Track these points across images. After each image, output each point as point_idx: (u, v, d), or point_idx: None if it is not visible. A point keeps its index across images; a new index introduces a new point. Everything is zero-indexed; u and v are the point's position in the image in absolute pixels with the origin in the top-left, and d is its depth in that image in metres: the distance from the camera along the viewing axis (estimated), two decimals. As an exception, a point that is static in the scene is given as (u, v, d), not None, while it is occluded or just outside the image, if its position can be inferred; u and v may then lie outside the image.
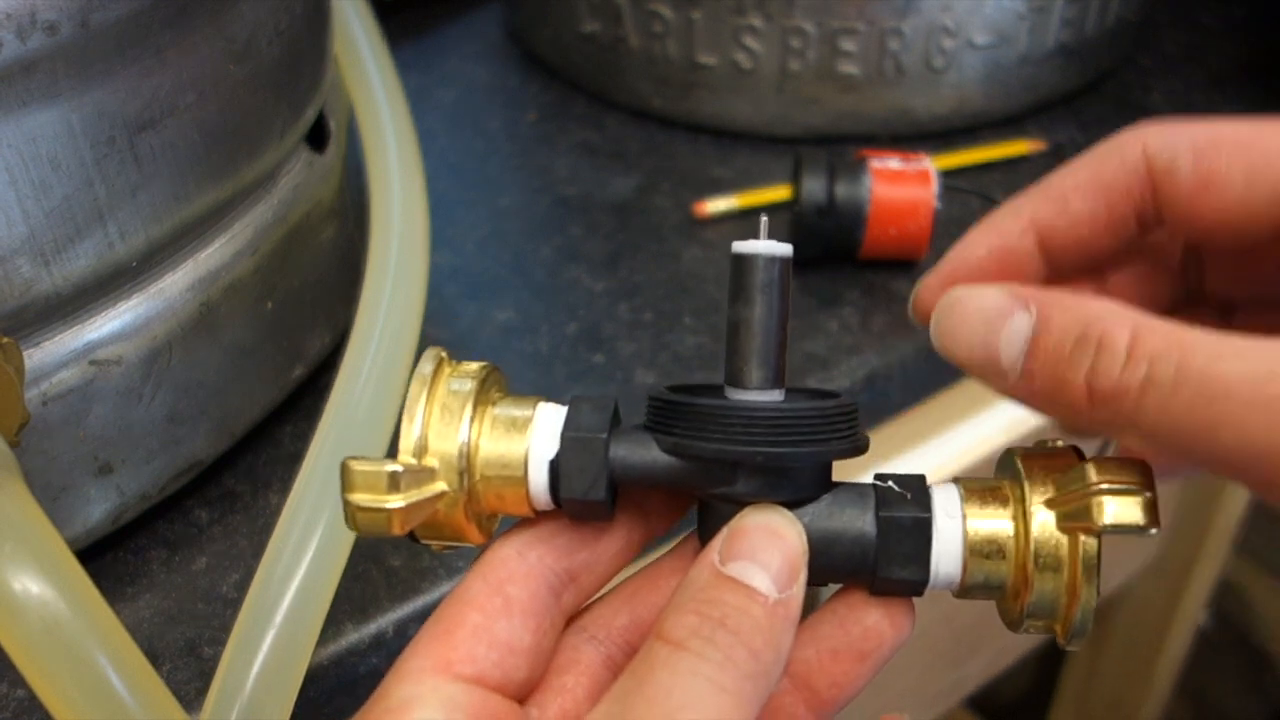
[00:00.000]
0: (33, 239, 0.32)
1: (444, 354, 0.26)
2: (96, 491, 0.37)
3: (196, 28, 0.34)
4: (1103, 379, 0.21)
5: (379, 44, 0.50)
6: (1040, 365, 0.22)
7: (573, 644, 0.27)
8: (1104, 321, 0.21)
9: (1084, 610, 0.24)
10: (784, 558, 0.23)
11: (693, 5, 0.60)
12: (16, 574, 0.26)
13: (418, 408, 0.25)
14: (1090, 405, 0.21)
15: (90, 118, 0.32)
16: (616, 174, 0.62)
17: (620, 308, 0.52)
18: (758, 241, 0.25)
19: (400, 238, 0.43)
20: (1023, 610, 0.25)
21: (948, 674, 0.78)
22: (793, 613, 0.23)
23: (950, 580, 0.25)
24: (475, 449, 0.25)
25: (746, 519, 0.24)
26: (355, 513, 0.24)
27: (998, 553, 0.25)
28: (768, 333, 0.25)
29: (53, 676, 0.26)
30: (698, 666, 0.22)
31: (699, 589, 0.23)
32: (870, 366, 0.48)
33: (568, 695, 0.26)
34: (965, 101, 0.62)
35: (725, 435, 0.24)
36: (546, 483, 0.25)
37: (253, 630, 0.32)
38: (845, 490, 0.26)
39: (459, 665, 0.24)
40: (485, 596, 0.25)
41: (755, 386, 0.25)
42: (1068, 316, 0.22)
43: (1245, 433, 0.20)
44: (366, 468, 0.24)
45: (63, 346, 0.35)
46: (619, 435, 0.25)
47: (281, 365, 0.43)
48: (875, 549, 0.25)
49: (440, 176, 0.60)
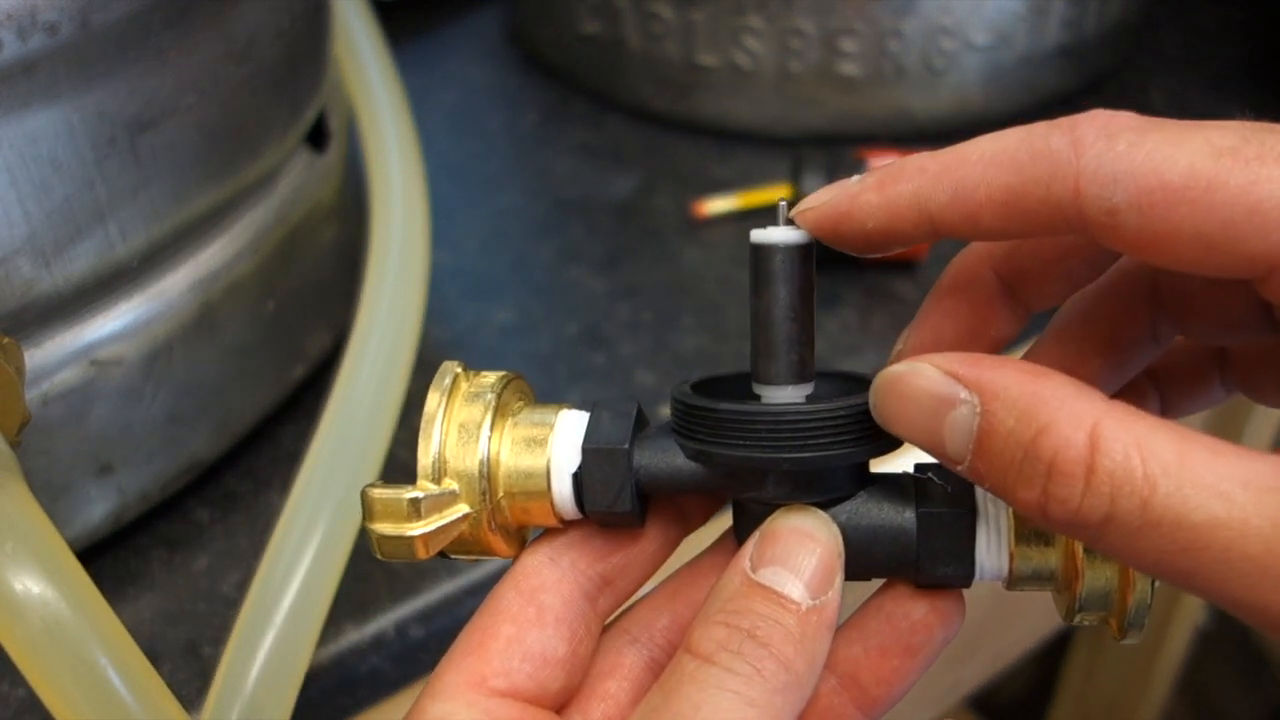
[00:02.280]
0: (33, 239, 0.32)
1: (460, 368, 0.26)
2: (97, 491, 0.37)
3: (197, 28, 0.34)
4: (1057, 507, 0.18)
5: (379, 44, 0.50)
6: (990, 469, 0.19)
7: (615, 647, 0.26)
8: (1056, 429, 0.18)
9: (1139, 601, 0.23)
10: (819, 561, 0.23)
11: (693, 6, 0.60)
12: (17, 574, 0.26)
13: (434, 428, 0.24)
14: (1047, 519, 0.19)
15: (91, 118, 0.32)
16: (616, 174, 0.62)
17: (620, 308, 0.52)
18: (776, 229, 0.24)
19: (400, 238, 0.43)
20: (1075, 602, 0.24)
21: (948, 674, 0.78)
22: (829, 618, 0.23)
23: (998, 573, 0.24)
24: (496, 465, 0.25)
25: (778, 522, 0.24)
26: (379, 541, 0.24)
27: (1045, 544, 0.24)
28: (791, 324, 0.24)
29: (53, 676, 0.26)
30: (725, 680, 0.21)
31: (728, 598, 0.22)
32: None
33: (611, 701, 0.26)
34: (965, 102, 0.62)
35: (750, 441, 0.23)
36: (572, 495, 0.25)
37: (253, 630, 0.32)
38: (883, 484, 0.24)
39: (493, 679, 0.24)
40: (518, 607, 0.25)
41: (782, 381, 0.24)
42: (1013, 414, 0.19)
43: (1225, 589, 0.17)
44: (386, 495, 0.24)
45: (63, 346, 0.35)
46: (642, 442, 0.25)
47: (282, 365, 0.43)
48: (917, 545, 0.24)
49: (440, 177, 0.60)
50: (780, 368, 0.24)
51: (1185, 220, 0.18)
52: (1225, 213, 0.18)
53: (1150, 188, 0.19)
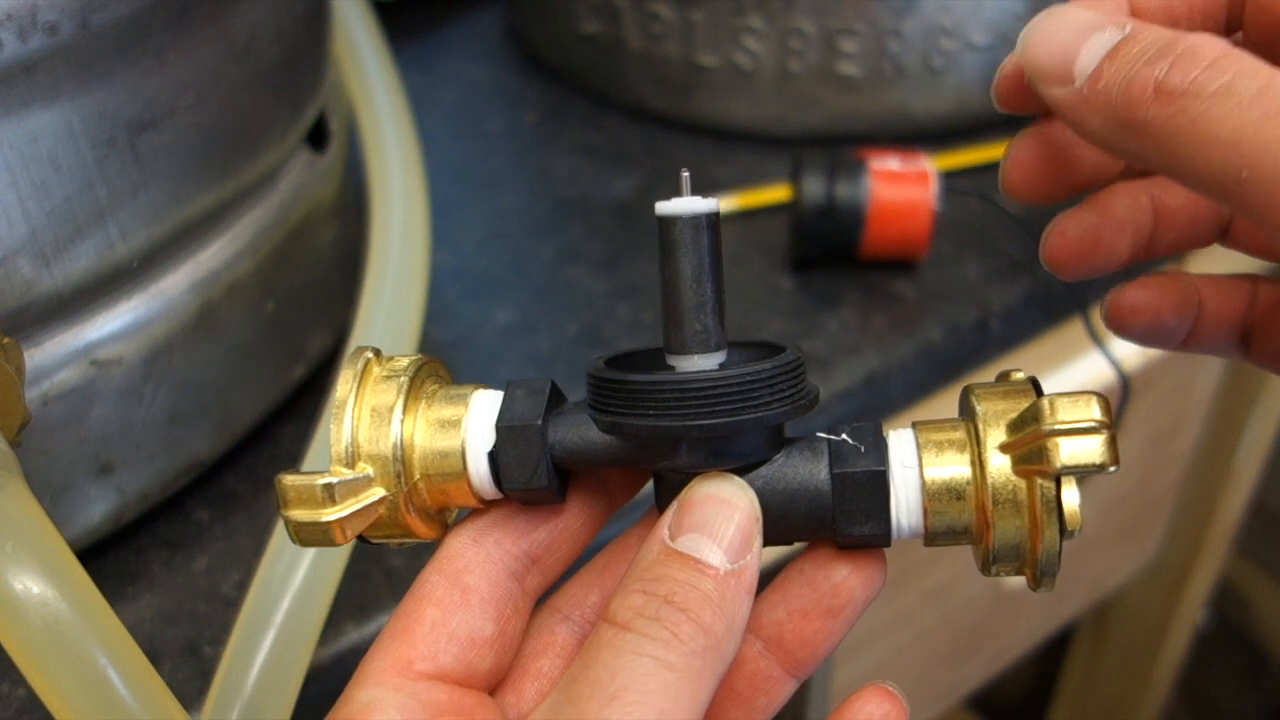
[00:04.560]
0: (33, 239, 0.32)
1: (371, 353, 0.26)
2: (97, 491, 0.37)
3: (197, 28, 0.34)
4: (1177, 77, 0.20)
5: (380, 44, 0.50)
6: (1115, 66, 0.21)
7: (547, 625, 0.27)
8: (1196, 38, 0.20)
9: (1048, 550, 0.23)
10: (736, 527, 0.23)
11: (693, 6, 0.60)
12: (17, 574, 0.26)
13: (345, 412, 0.24)
14: (1153, 101, 0.20)
15: (91, 118, 0.32)
16: (616, 174, 0.62)
17: (620, 308, 0.52)
18: (680, 200, 0.24)
19: (400, 238, 0.43)
20: (988, 554, 0.24)
21: (948, 674, 0.78)
22: (748, 581, 0.23)
23: (915, 530, 0.24)
24: (410, 447, 0.25)
25: (695, 490, 0.24)
26: (296, 529, 0.24)
27: (957, 499, 0.24)
28: (699, 294, 0.24)
29: (53, 676, 0.26)
30: (642, 646, 0.21)
31: (647, 567, 0.23)
32: (870, 366, 0.48)
33: (544, 679, 0.26)
34: (964, 102, 0.62)
35: (659, 410, 0.23)
36: (489, 474, 0.25)
37: (253, 630, 0.32)
38: (798, 448, 0.25)
39: (419, 662, 0.24)
40: (443, 589, 0.25)
41: (692, 351, 0.24)
42: (1158, 32, 0.21)
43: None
44: (300, 481, 0.24)
45: (63, 346, 0.35)
46: (556, 418, 0.25)
47: (282, 365, 0.43)
48: (833, 506, 0.24)
49: (441, 177, 0.60)
50: (688, 337, 0.24)
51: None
52: None
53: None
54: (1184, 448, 0.84)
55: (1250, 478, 0.91)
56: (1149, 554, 0.92)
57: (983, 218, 0.56)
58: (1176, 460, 0.84)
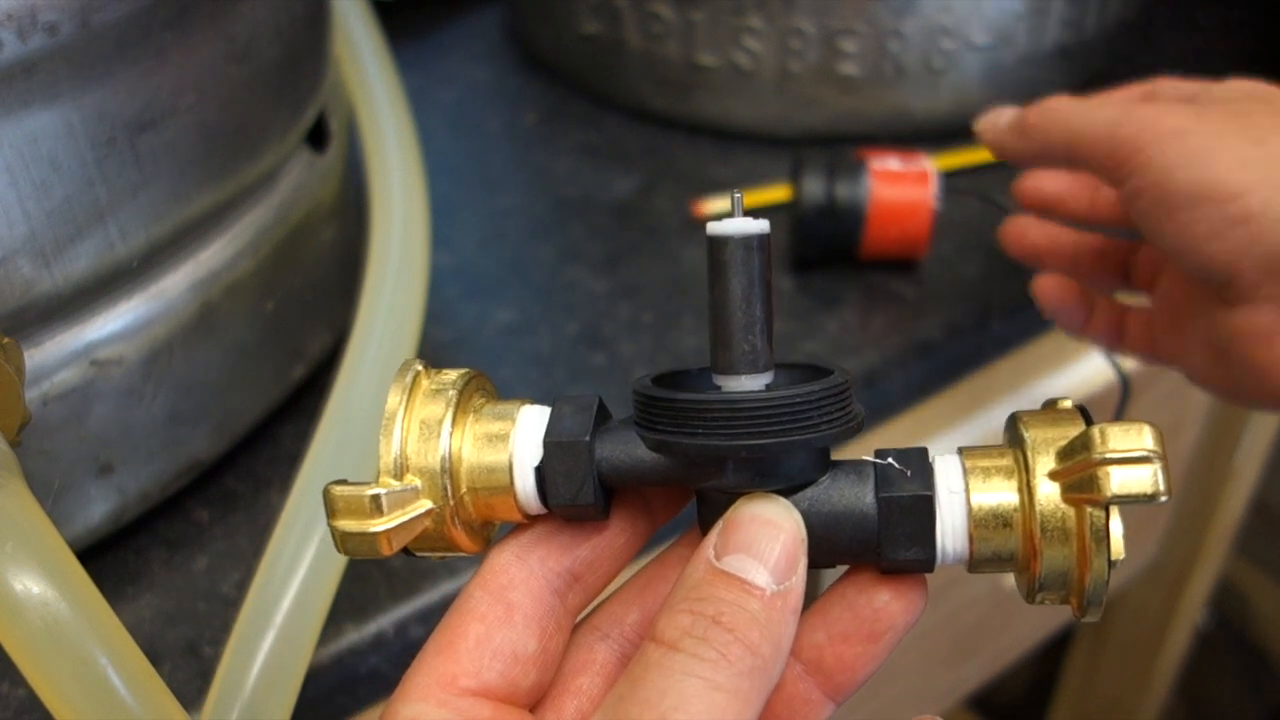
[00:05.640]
0: (33, 239, 0.32)
1: (421, 366, 0.26)
2: (97, 491, 0.37)
3: (197, 28, 0.34)
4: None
5: (380, 44, 0.50)
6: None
7: (586, 643, 0.27)
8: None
9: (1095, 580, 0.23)
10: (782, 548, 0.23)
11: (693, 6, 0.60)
12: (17, 574, 0.26)
13: (395, 425, 0.25)
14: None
15: (91, 118, 0.32)
16: (616, 175, 0.62)
17: (620, 308, 0.52)
18: (732, 220, 0.24)
19: (400, 238, 0.43)
20: (1035, 582, 0.24)
21: (948, 674, 0.78)
22: (793, 603, 0.23)
23: (960, 556, 0.24)
24: (458, 461, 0.25)
25: (741, 510, 0.24)
26: (343, 538, 0.24)
27: (1004, 526, 0.24)
28: (749, 315, 0.24)
29: (53, 676, 0.26)
30: (690, 666, 0.21)
31: (693, 586, 0.23)
32: (870, 366, 0.48)
33: (583, 697, 0.26)
34: (965, 102, 0.62)
35: (708, 429, 0.23)
36: (535, 489, 0.25)
37: (253, 630, 0.32)
38: (844, 470, 0.25)
39: (463, 679, 0.24)
40: (486, 605, 0.25)
41: (740, 371, 0.24)
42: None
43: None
44: (348, 492, 0.24)
45: (63, 346, 0.35)
46: (604, 435, 0.25)
47: (282, 365, 0.43)
48: (878, 530, 0.24)
49: (440, 177, 0.60)
50: (736, 357, 0.24)
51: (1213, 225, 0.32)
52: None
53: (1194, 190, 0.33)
54: (1184, 448, 0.84)
55: (1250, 478, 0.91)
56: (1149, 554, 0.92)
57: (983, 218, 0.56)
58: (1176, 460, 0.84)
